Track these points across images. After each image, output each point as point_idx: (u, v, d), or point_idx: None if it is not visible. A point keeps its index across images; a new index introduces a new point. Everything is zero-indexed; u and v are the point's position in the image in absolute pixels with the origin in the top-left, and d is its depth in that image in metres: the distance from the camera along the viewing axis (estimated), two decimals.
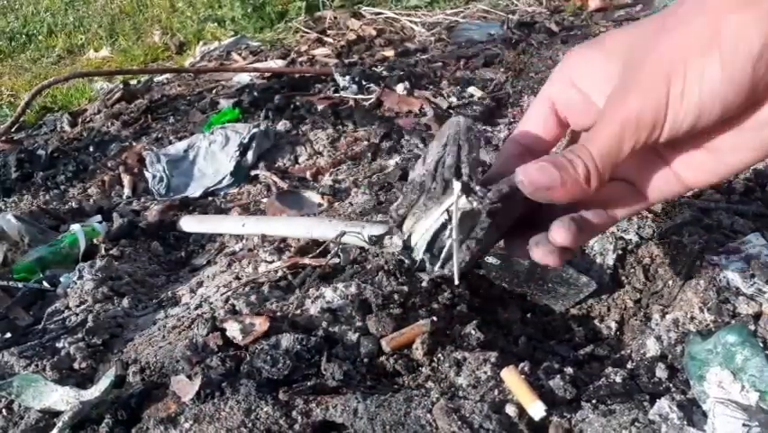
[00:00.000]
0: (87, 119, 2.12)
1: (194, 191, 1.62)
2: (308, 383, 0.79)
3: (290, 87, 2.13)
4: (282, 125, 1.85)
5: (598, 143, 0.38)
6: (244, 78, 2.27)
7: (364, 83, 2.05)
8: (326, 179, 1.58)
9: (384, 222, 1.14)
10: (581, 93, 0.42)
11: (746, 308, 0.84)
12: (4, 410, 0.84)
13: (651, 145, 0.37)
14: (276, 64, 2.43)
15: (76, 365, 0.93)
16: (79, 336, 1.00)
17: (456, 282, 0.47)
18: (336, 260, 1.07)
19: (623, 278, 0.99)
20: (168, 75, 2.46)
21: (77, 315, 1.07)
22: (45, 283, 1.21)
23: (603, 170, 0.38)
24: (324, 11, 3.18)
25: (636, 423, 0.70)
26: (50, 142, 1.95)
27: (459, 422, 0.70)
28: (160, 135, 1.92)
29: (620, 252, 1.00)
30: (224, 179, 1.64)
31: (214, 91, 2.22)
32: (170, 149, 1.78)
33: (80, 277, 1.17)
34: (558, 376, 0.78)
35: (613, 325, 0.94)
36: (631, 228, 1.00)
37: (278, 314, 0.94)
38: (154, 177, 1.66)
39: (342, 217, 1.27)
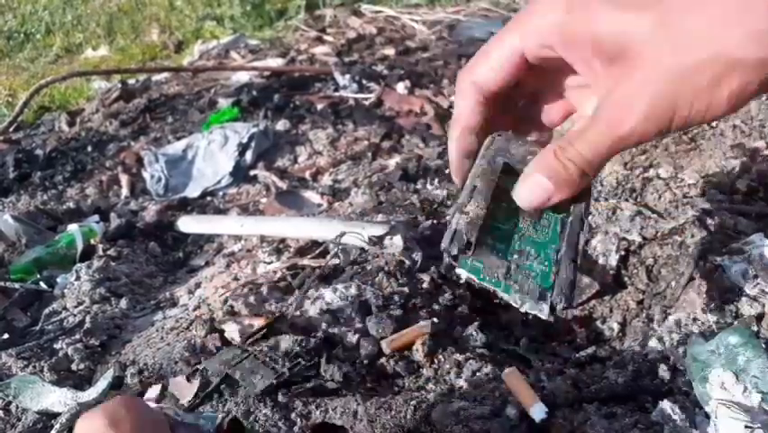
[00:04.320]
0: (85, 119, 2.11)
1: (192, 191, 1.61)
2: (308, 385, 0.79)
3: (290, 86, 2.12)
4: (281, 125, 1.84)
5: (591, 151, 0.39)
6: (243, 76, 2.26)
7: (364, 82, 2.05)
8: (326, 179, 1.57)
9: (384, 222, 1.13)
10: (552, 52, 0.41)
11: (749, 309, 0.83)
12: (1, 412, 0.83)
13: None
14: (275, 63, 2.42)
15: (74, 367, 0.92)
16: (77, 337, 0.99)
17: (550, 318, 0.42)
18: (336, 261, 1.06)
19: (625, 279, 0.99)
20: (166, 74, 2.45)
21: (75, 316, 1.07)
22: (42, 284, 1.20)
23: (594, 170, 0.41)
24: (323, 9, 3.17)
25: (639, 425, 0.69)
26: (48, 141, 1.95)
27: (458, 425, 0.70)
28: (158, 135, 1.92)
29: (623, 252, 0.99)
30: (222, 178, 1.63)
31: (212, 90, 2.21)
32: (169, 148, 1.77)
33: (77, 278, 1.16)
34: (559, 378, 0.78)
35: (615, 326, 0.93)
36: (634, 229, 1.00)
37: (278, 315, 0.93)
38: (152, 177, 1.66)
39: (341, 218, 1.26)
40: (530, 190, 0.42)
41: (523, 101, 0.49)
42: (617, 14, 0.37)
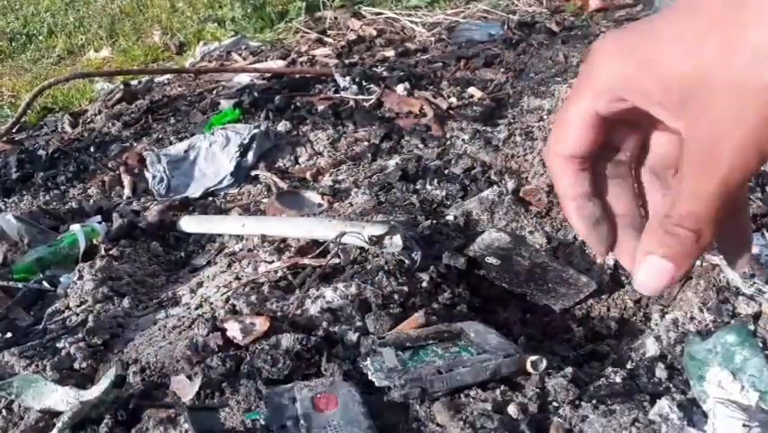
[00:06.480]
0: (88, 120, 2.13)
1: (194, 192, 1.62)
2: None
3: (290, 88, 2.13)
4: (282, 126, 1.85)
5: (697, 203, 0.35)
6: (244, 78, 2.27)
7: (364, 83, 2.05)
8: (326, 180, 1.58)
9: (384, 222, 1.14)
10: (628, 103, 0.37)
11: (746, 308, 0.84)
12: (4, 411, 0.84)
13: None
14: (276, 64, 2.44)
15: (76, 365, 0.93)
16: (80, 336, 1.00)
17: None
18: (336, 260, 1.07)
19: (623, 278, 1.00)
20: (168, 75, 2.46)
21: (78, 315, 1.08)
22: (45, 283, 1.21)
23: (709, 227, 0.35)
24: (324, 11, 3.18)
25: (636, 423, 0.70)
26: (51, 142, 1.96)
27: (460, 421, 0.70)
28: (160, 136, 1.93)
29: None
30: (224, 179, 1.64)
31: (214, 92, 2.22)
32: (171, 149, 1.78)
33: (80, 277, 1.17)
34: (558, 376, 0.78)
35: (613, 325, 0.94)
36: None
37: (279, 314, 0.94)
38: (154, 177, 1.67)
39: (342, 218, 1.27)
40: (647, 275, 0.36)
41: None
42: (676, 52, 0.32)
